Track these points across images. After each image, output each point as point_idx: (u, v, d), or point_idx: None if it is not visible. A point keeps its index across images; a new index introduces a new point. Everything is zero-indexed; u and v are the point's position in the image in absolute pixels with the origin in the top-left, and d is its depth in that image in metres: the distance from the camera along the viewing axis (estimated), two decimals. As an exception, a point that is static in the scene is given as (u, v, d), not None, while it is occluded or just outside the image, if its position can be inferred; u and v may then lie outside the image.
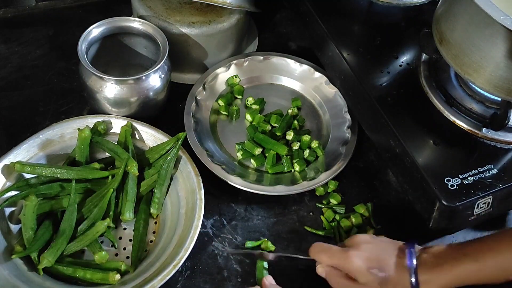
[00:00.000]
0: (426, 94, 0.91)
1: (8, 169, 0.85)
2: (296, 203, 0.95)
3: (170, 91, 1.00)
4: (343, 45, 0.98)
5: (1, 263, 0.79)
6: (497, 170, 0.84)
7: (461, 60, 0.82)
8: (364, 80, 0.93)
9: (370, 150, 1.02)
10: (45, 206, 0.85)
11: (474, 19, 0.78)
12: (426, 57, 0.95)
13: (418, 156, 0.84)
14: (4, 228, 0.83)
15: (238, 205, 0.94)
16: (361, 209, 0.94)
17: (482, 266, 0.68)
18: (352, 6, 1.05)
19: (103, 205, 0.84)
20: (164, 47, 0.95)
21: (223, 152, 0.98)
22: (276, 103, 1.06)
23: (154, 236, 0.88)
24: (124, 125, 0.93)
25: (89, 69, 0.91)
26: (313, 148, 0.99)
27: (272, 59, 1.09)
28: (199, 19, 1.03)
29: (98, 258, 0.82)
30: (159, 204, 0.89)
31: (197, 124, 0.99)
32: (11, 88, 1.05)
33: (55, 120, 0.94)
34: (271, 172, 0.96)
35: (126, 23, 0.99)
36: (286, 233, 0.92)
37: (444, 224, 0.82)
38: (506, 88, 0.80)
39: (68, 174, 0.86)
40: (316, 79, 1.07)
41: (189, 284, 0.85)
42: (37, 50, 1.11)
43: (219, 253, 0.89)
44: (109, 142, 0.91)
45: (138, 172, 0.88)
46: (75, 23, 1.14)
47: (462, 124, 0.88)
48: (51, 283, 0.80)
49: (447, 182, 0.81)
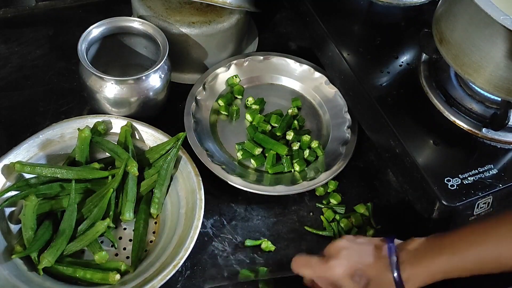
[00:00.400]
0: (426, 94, 0.91)
1: (8, 169, 0.85)
2: (296, 203, 0.95)
3: (170, 91, 1.00)
4: (343, 45, 0.98)
5: (1, 263, 0.79)
6: (497, 170, 0.84)
7: (461, 60, 0.82)
8: (364, 80, 0.93)
9: (370, 150, 1.02)
10: (45, 206, 0.85)
11: (474, 19, 0.78)
12: (426, 57, 0.95)
13: (418, 156, 0.84)
14: (4, 228, 0.83)
15: (238, 205, 0.94)
16: (361, 209, 0.94)
17: (460, 259, 0.68)
18: (352, 6, 1.05)
19: (103, 205, 0.84)
20: (164, 47, 0.95)
21: (223, 152, 0.98)
22: (276, 103, 1.06)
23: (154, 236, 0.88)
24: (124, 125, 0.93)
25: (89, 69, 0.91)
26: (313, 148, 0.99)
27: (272, 59, 1.09)
28: (199, 19, 1.03)
29: (98, 258, 0.82)
30: (159, 204, 0.89)
31: (197, 124, 0.99)
32: (11, 88, 1.05)
33: (55, 120, 0.94)
34: (271, 172, 0.96)
35: (126, 23, 0.99)
36: (286, 233, 0.92)
37: (444, 224, 0.82)
38: (506, 88, 0.80)
39: (68, 174, 0.86)
40: (316, 79, 1.07)
41: (189, 284, 0.85)
42: (37, 50, 1.11)
43: (219, 253, 0.89)
44: (109, 142, 0.91)
45: (138, 172, 0.88)
46: (75, 23, 1.14)
47: (462, 124, 0.88)
48: (51, 283, 0.80)
49: (447, 182, 0.81)
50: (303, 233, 0.92)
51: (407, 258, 0.72)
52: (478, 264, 0.68)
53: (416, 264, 0.71)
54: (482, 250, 0.68)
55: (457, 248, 0.69)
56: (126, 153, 0.89)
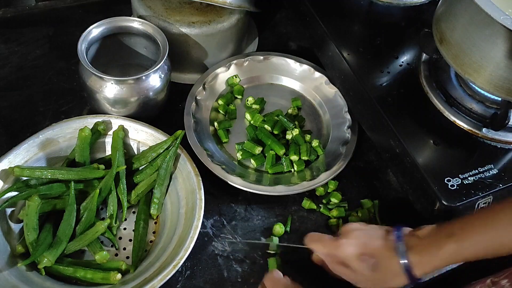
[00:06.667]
0: (426, 94, 0.91)
1: (7, 171, 0.85)
2: (296, 203, 0.95)
3: (170, 91, 1.00)
4: (343, 45, 0.98)
5: (1, 263, 0.79)
6: (497, 170, 0.84)
7: (461, 60, 0.82)
8: (364, 80, 0.93)
9: (370, 150, 1.02)
10: (46, 206, 0.85)
11: (474, 19, 0.78)
12: (426, 57, 0.95)
13: (418, 156, 0.84)
14: (5, 228, 0.83)
15: (238, 205, 0.94)
16: (368, 203, 0.94)
17: (468, 245, 0.70)
18: (352, 6, 1.05)
19: (93, 207, 0.85)
20: (164, 47, 0.95)
21: (223, 152, 0.98)
22: (276, 103, 1.06)
23: (154, 236, 0.88)
24: (115, 130, 0.93)
25: (89, 69, 0.91)
26: (313, 147, 0.99)
27: (272, 59, 1.09)
28: (199, 19, 1.03)
29: (99, 258, 0.82)
30: (159, 205, 0.88)
31: (197, 124, 0.99)
32: (11, 88, 1.05)
33: (55, 120, 0.94)
34: (271, 172, 0.96)
35: (126, 23, 0.99)
36: (286, 233, 0.92)
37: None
38: (506, 88, 0.80)
39: (68, 175, 0.86)
40: (316, 79, 1.07)
41: (189, 284, 0.85)
42: (37, 50, 1.11)
43: (219, 253, 0.89)
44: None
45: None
46: (75, 23, 1.14)
47: (462, 124, 0.88)
48: (51, 283, 0.80)
49: (447, 182, 0.81)
50: (303, 233, 0.92)
51: (416, 244, 0.73)
52: (486, 249, 0.70)
53: (425, 251, 0.72)
54: (490, 235, 0.69)
55: (464, 235, 0.70)
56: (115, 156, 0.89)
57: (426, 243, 0.72)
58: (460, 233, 0.70)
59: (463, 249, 0.69)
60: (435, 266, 0.72)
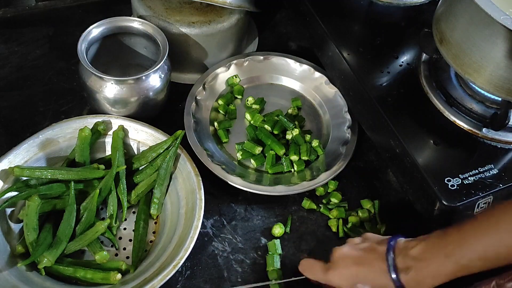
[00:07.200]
0: (426, 94, 0.91)
1: (7, 171, 0.85)
2: (296, 203, 0.95)
3: (170, 91, 1.00)
4: (343, 45, 0.98)
5: (1, 263, 0.79)
6: (497, 170, 0.84)
7: (461, 60, 0.82)
8: (364, 80, 0.93)
9: (370, 150, 1.02)
10: (46, 206, 0.85)
11: (474, 19, 0.78)
12: (426, 57, 0.94)
13: (418, 156, 0.84)
14: (5, 228, 0.83)
15: (238, 205, 0.94)
16: (367, 204, 0.94)
17: (468, 262, 0.68)
18: (352, 6, 1.05)
19: (93, 207, 0.84)
20: (164, 47, 0.95)
21: (223, 152, 0.98)
22: (276, 103, 1.06)
23: (154, 236, 0.88)
24: (115, 130, 0.93)
25: (89, 69, 0.91)
26: (313, 147, 0.99)
27: (272, 59, 1.09)
28: (199, 19, 1.03)
29: (99, 258, 0.82)
30: (159, 205, 0.88)
31: (197, 124, 0.99)
32: (11, 88, 1.05)
33: (55, 120, 0.94)
34: (271, 172, 0.96)
35: (126, 23, 0.99)
36: (286, 233, 0.92)
37: (445, 224, 0.82)
38: (507, 88, 0.80)
39: (68, 175, 0.86)
40: (316, 79, 1.07)
41: (189, 284, 0.85)
42: (37, 50, 1.11)
43: (219, 253, 0.89)
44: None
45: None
46: (75, 23, 1.14)
47: (462, 124, 0.88)
48: (51, 283, 0.80)
49: (447, 182, 0.81)
50: (303, 233, 0.92)
51: (410, 266, 0.71)
52: (486, 264, 0.68)
53: (422, 274, 0.70)
54: (487, 247, 0.67)
55: (463, 252, 0.68)
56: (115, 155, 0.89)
57: (423, 266, 0.70)
58: (459, 252, 0.68)
59: (464, 268, 0.68)
60: (433, 285, 0.70)
